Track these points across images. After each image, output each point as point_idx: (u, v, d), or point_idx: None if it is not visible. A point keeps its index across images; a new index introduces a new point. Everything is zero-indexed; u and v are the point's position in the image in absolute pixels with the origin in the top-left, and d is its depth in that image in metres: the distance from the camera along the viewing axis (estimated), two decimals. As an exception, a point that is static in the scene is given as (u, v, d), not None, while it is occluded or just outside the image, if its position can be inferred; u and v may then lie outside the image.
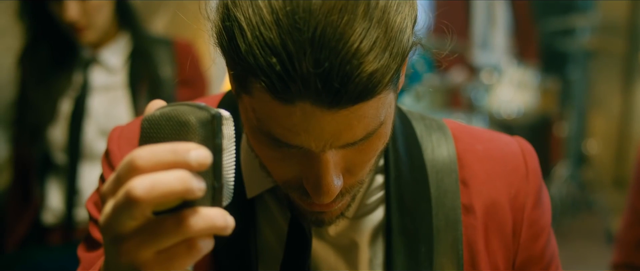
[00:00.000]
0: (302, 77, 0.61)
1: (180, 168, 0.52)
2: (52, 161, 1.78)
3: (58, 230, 1.77)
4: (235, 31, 0.64)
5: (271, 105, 0.64)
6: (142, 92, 1.75)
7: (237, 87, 0.70)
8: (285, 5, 0.61)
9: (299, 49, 0.60)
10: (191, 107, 0.56)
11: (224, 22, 0.67)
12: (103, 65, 1.78)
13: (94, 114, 1.75)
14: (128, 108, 1.76)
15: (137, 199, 0.51)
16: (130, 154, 0.52)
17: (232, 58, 0.66)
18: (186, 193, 0.51)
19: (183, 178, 0.51)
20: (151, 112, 0.56)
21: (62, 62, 1.75)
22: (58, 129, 1.75)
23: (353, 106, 0.63)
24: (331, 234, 0.82)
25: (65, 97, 1.75)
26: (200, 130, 0.55)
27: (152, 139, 0.55)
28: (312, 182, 0.69)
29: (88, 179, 1.76)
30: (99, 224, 0.56)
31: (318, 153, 0.67)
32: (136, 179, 0.51)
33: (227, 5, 0.67)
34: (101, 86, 1.77)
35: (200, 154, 0.52)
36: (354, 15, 0.61)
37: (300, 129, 0.65)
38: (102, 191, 0.56)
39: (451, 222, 0.83)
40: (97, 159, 1.75)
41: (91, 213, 0.87)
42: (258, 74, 0.62)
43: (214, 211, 0.53)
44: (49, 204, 1.78)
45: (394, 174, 0.83)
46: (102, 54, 1.78)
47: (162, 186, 0.51)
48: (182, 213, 0.53)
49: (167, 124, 0.55)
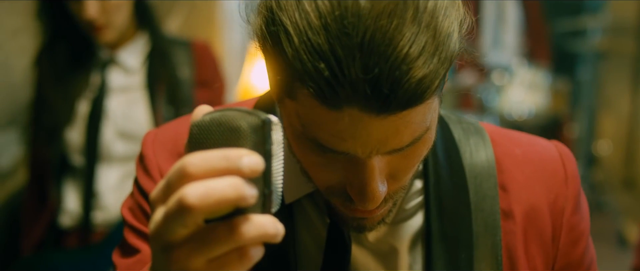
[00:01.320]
0: (350, 83, 0.60)
1: (232, 174, 0.51)
2: (69, 162, 1.76)
3: (75, 232, 1.75)
4: (281, 36, 0.63)
5: (318, 111, 0.63)
6: (160, 93, 1.73)
7: (280, 92, 0.69)
8: (333, 9, 0.60)
9: (347, 54, 0.59)
10: (241, 112, 0.55)
11: (268, 26, 0.66)
12: (121, 66, 1.77)
13: (112, 116, 1.74)
14: (146, 109, 1.74)
15: (190, 207, 0.49)
16: (181, 160, 0.51)
17: (277, 63, 0.65)
18: (239, 200, 0.50)
19: (236, 185, 0.50)
20: (200, 118, 0.55)
21: (79, 62, 1.73)
22: (75, 130, 1.73)
23: (401, 111, 0.62)
24: (370, 240, 0.81)
25: (83, 98, 1.74)
26: (251, 136, 0.54)
27: (202, 145, 0.54)
28: (357, 188, 0.68)
29: (106, 181, 1.74)
30: (148, 231, 0.55)
31: (364, 159, 0.66)
32: (189, 187, 0.50)
33: (272, 9, 0.65)
34: (119, 86, 1.76)
35: (252, 161, 0.51)
36: (403, 20, 0.60)
37: (347, 135, 0.64)
38: (151, 198, 0.55)
39: (490, 227, 0.82)
40: (115, 161, 1.74)
41: (126, 219, 0.86)
42: (305, 80, 0.61)
43: (265, 219, 0.52)
44: (65, 206, 1.77)
45: (433, 179, 0.82)
46: (119, 55, 1.77)
47: (216, 193, 0.50)
48: (234, 220, 0.52)
49: (218, 130, 0.54)
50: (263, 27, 0.67)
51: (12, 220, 2.07)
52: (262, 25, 0.67)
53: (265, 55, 0.69)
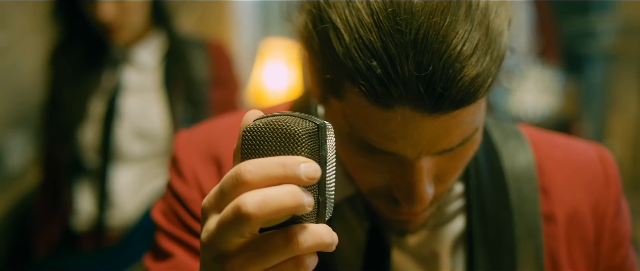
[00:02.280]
0: (403, 81, 0.59)
1: (289, 182, 0.49)
2: (83, 163, 1.74)
3: (89, 234, 1.73)
4: (330, 33, 0.62)
5: (368, 110, 0.62)
6: (176, 93, 1.71)
7: (325, 92, 0.67)
8: (385, 6, 0.59)
9: (400, 52, 0.58)
10: (295, 117, 0.53)
11: (314, 24, 0.65)
12: (134, 64, 1.75)
13: (128, 115, 1.72)
14: (162, 110, 1.72)
15: (248, 216, 0.48)
16: (236, 167, 0.50)
17: (326, 61, 0.63)
18: (297, 209, 0.49)
19: (295, 193, 0.48)
20: (252, 123, 0.53)
21: (93, 61, 1.71)
22: (89, 130, 1.71)
23: (454, 111, 0.61)
24: (411, 244, 0.79)
25: (96, 97, 1.72)
26: (307, 142, 0.52)
27: (256, 151, 0.53)
28: (404, 190, 0.66)
29: (122, 182, 1.72)
30: (201, 240, 0.53)
31: (413, 160, 0.65)
32: (247, 195, 0.48)
33: (319, 7, 0.64)
34: (134, 86, 1.74)
35: (309, 168, 0.49)
36: (456, 17, 0.59)
37: (398, 135, 0.62)
38: (203, 206, 0.53)
39: (532, 231, 0.80)
40: (131, 161, 1.72)
41: (159, 223, 0.84)
42: (356, 78, 0.60)
43: (321, 228, 0.51)
44: (79, 208, 1.74)
45: (474, 183, 0.80)
46: (133, 53, 1.75)
47: (274, 202, 0.48)
48: (291, 229, 0.50)
49: (272, 136, 0.52)
50: (309, 25, 0.66)
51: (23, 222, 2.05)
52: (307, 24, 0.66)
53: (311, 54, 0.67)
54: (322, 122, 0.53)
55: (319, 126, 0.53)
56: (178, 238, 0.81)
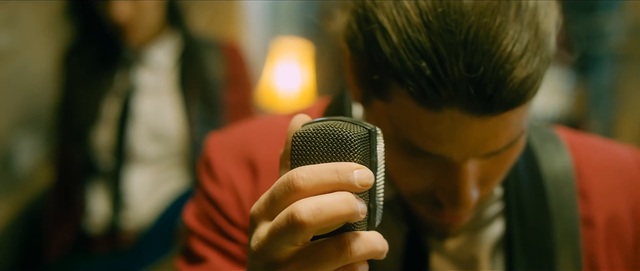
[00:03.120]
0: (453, 83, 0.58)
1: (343, 189, 0.48)
2: (96, 165, 1.72)
3: (103, 237, 1.71)
4: (377, 34, 0.61)
5: (415, 112, 0.61)
6: (191, 95, 1.70)
7: (368, 92, 0.66)
8: (435, 6, 0.58)
9: (450, 53, 0.57)
10: (345, 122, 0.52)
11: (359, 24, 0.64)
12: (148, 65, 1.73)
13: (143, 116, 1.70)
14: (177, 111, 1.70)
15: (302, 224, 0.46)
16: (288, 174, 0.48)
17: (371, 62, 0.62)
18: (352, 217, 0.47)
19: (349, 200, 0.47)
20: (303, 128, 0.52)
21: (106, 62, 1.70)
22: (103, 131, 1.70)
23: (503, 113, 0.60)
24: (450, 248, 0.78)
25: (109, 98, 1.70)
26: (359, 147, 0.51)
27: (307, 157, 0.51)
28: (449, 193, 0.65)
29: (136, 184, 1.71)
30: (250, 248, 0.51)
31: (459, 163, 0.64)
32: (301, 203, 0.47)
33: (365, 7, 0.63)
34: (148, 87, 1.73)
35: (363, 174, 0.48)
36: (506, 17, 0.58)
37: (445, 138, 0.61)
38: (252, 213, 0.51)
39: (570, 235, 0.79)
40: (146, 163, 1.70)
41: (192, 227, 0.82)
42: (404, 79, 0.59)
43: (373, 235, 0.50)
44: (93, 210, 1.73)
45: (513, 186, 0.79)
46: (147, 53, 1.73)
47: (329, 209, 0.47)
48: (344, 237, 0.49)
49: (323, 141, 0.51)
50: (354, 25, 0.64)
51: (34, 223, 2.03)
52: (352, 23, 0.65)
53: (354, 54, 0.66)
54: (373, 127, 0.52)
55: (370, 131, 0.52)
56: (212, 242, 0.79)
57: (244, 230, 0.79)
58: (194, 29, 1.80)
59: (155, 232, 1.68)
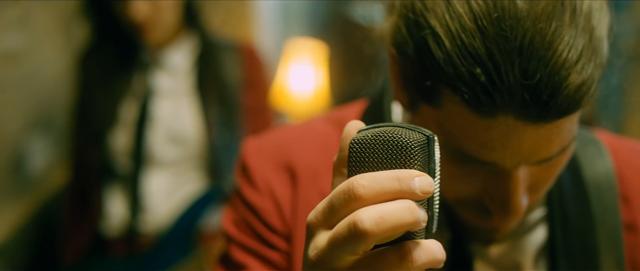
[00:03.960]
0: (508, 89, 0.57)
1: (404, 197, 0.47)
2: (113, 168, 1.71)
3: (121, 240, 1.70)
4: (429, 39, 0.60)
5: (467, 119, 0.60)
6: (209, 97, 1.68)
7: (416, 98, 0.65)
8: (489, 11, 0.57)
9: (506, 59, 0.56)
10: (403, 128, 0.51)
11: (409, 28, 0.63)
12: (165, 68, 1.72)
13: (161, 119, 1.69)
14: (195, 114, 1.69)
15: (365, 233, 0.45)
16: (348, 182, 0.47)
17: (422, 68, 0.61)
18: (414, 225, 0.46)
19: (412, 208, 0.46)
20: (360, 135, 0.51)
21: (123, 64, 1.68)
22: (120, 134, 1.68)
23: (557, 120, 0.59)
24: (493, 254, 0.77)
25: (127, 101, 1.69)
26: (419, 154, 0.50)
27: (365, 164, 0.50)
28: (499, 200, 0.64)
29: (154, 187, 1.69)
30: (308, 258, 0.50)
31: (510, 170, 0.63)
32: (363, 212, 0.46)
33: (415, 11, 0.62)
34: (166, 90, 1.71)
35: (424, 182, 0.47)
36: (561, 22, 0.57)
37: (497, 145, 0.60)
38: (309, 222, 0.50)
39: (613, 241, 0.78)
40: (164, 166, 1.69)
41: (231, 234, 0.81)
42: (458, 86, 0.58)
43: (433, 243, 0.49)
44: (110, 213, 1.71)
45: (556, 191, 0.78)
46: (164, 55, 1.71)
47: (392, 218, 0.46)
48: (405, 246, 0.48)
49: (382, 148, 0.50)
50: (403, 29, 0.63)
51: (47, 225, 2.02)
52: (401, 28, 0.64)
53: (402, 59, 0.65)
54: (431, 134, 0.51)
55: (428, 138, 0.51)
56: (252, 249, 0.78)
57: (284, 237, 0.78)
58: (211, 31, 1.78)
59: (173, 235, 1.67)
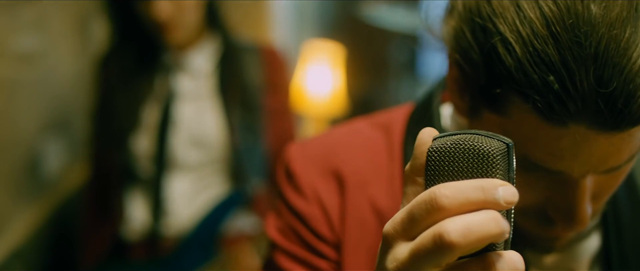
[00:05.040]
0: (582, 97, 0.55)
1: (488, 207, 0.46)
2: (135, 171, 1.69)
3: (142, 244, 1.68)
4: (498, 45, 0.58)
5: (537, 127, 0.58)
6: (232, 100, 1.66)
7: (479, 104, 0.63)
8: (562, 17, 0.56)
9: (580, 66, 0.55)
10: (481, 136, 0.50)
11: (474, 34, 0.61)
12: (188, 70, 1.70)
13: (184, 122, 1.67)
14: (218, 117, 1.67)
15: (451, 245, 0.44)
16: (430, 192, 0.46)
17: (489, 74, 0.60)
18: (500, 236, 0.45)
19: (497, 219, 0.45)
20: (439, 143, 0.50)
21: (145, 66, 1.66)
22: (142, 137, 1.66)
23: (630, 129, 0.57)
24: (548, 263, 0.75)
25: (148, 103, 1.67)
26: (501, 162, 0.49)
27: (444, 173, 0.49)
28: (564, 209, 0.63)
29: (176, 190, 1.68)
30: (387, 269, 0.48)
31: (577, 179, 0.61)
32: (448, 223, 0.45)
33: (483, 16, 0.60)
34: (188, 93, 1.69)
35: (507, 192, 0.46)
36: (635, 28, 0.56)
37: (567, 154, 0.59)
38: (387, 233, 0.49)
39: None
40: (186, 170, 1.67)
41: (277, 241, 0.79)
42: (529, 93, 0.57)
43: (514, 255, 0.48)
44: (131, 216, 1.69)
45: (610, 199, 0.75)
46: (187, 57, 1.69)
47: (478, 229, 0.44)
48: (488, 257, 0.47)
49: (463, 156, 0.49)
50: (468, 35, 0.62)
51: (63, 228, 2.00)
52: (466, 33, 0.62)
53: (466, 65, 0.63)
54: (510, 141, 0.50)
55: (508, 145, 0.49)
56: (299, 257, 0.76)
57: (333, 245, 0.76)
58: (232, 32, 1.76)
59: (196, 239, 1.65)
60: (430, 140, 0.50)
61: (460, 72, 0.65)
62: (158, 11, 1.53)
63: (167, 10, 1.53)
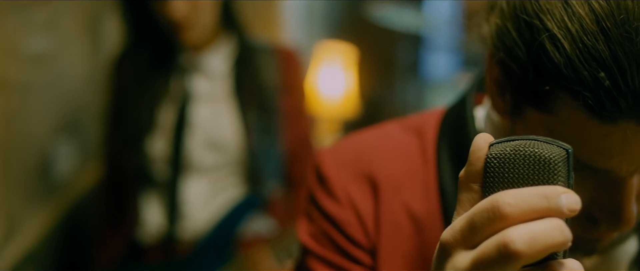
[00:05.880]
0: (633, 93, 0.55)
1: (551, 215, 0.45)
2: (150, 174, 1.67)
3: (157, 247, 1.67)
4: (546, 42, 0.57)
5: (585, 125, 0.57)
6: (248, 102, 1.65)
7: (522, 103, 0.63)
8: (612, 12, 0.55)
9: (631, 62, 0.54)
10: (540, 142, 0.49)
11: (520, 31, 0.60)
12: (203, 71, 1.68)
13: (200, 124, 1.65)
14: (234, 119, 1.66)
15: (517, 255, 0.43)
16: (492, 200, 0.46)
17: (536, 72, 0.59)
18: (564, 245, 0.45)
19: (562, 227, 0.44)
20: (498, 150, 0.50)
21: (160, 68, 1.65)
22: (157, 139, 1.65)
23: None
24: (587, 266, 0.74)
25: (164, 105, 1.65)
26: (562, 169, 0.48)
27: (504, 180, 0.49)
28: (610, 209, 0.63)
29: (192, 193, 1.66)
30: None
31: (624, 178, 0.61)
32: (513, 231, 0.44)
33: (528, 13, 0.60)
34: (204, 94, 1.68)
35: (571, 199, 0.45)
36: None
37: (616, 152, 0.58)
38: (445, 241, 0.49)
39: None
40: (202, 172, 1.66)
41: (309, 246, 0.78)
42: (578, 90, 0.56)
43: (574, 263, 0.48)
44: (146, 219, 1.68)
45: None
46: (202, 58, 1.67)
47: (544, 238, 0.44)
48: (551, 266, 0.47)
49: (523, 163, 0.48)
50: (512, 32, 0.61)
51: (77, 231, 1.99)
52: (509, 30, 0.61)
53: (511, 62, 0.62)
54: (569, 147, 0.49)
55: (568, 152, 0.49)
56: (333, 263, 0.75)
57: (368, 251, 0.75)
58: (248, 33, 1.74)
59: (212, 242, 1.64)
60: (486, 146, 0.50)
61: (503, 71, 0.64)
62: (173, 11, 1.51)
63: (182, 10, 1.52)
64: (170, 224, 1.64)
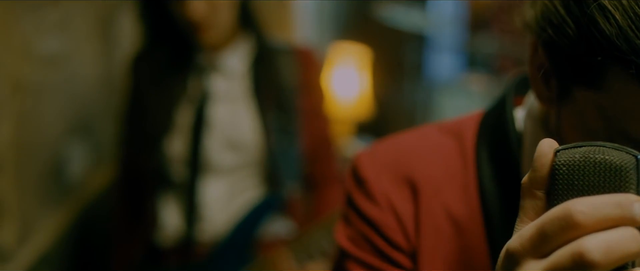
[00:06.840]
0: None
1: (626, 224, 0.45)
2: (167, 175, 1.66)
3: (176, 250, 1.65)
4: (596, 14, 0.56)
5: (638, 97, 0.56)
6: (267, 102, 1.64)
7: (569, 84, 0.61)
8: None
9: None
10: (609, 148, 0.49)
11: (568, 8, 0.59)
12: (222, 71, 1.67)
13: (218, 125, 1.64)
14: (253, 119, 1.64)
15: (593, 264, 0.43)
16: (564, 208, 0.45)
17: (587, 46, 0.58)
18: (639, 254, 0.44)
19: (637, 236, 0.44)
20: (566, 156, 0.49)
21: (178, 67, 1.64)
22: (175, 140, 1.63)
23: None
24: None
25: (181, 105, 1.64)
26: (634, 177, 0.48)
27: (574, 188, 0.48)
28: None
29: (211, 194, 1.65)
30: None
31: None
32: (588, 241, 0.44)
33: None
34: (222, 94, 1.66)
35: None
36: None
37: None
38: (513, 249, 0.48)
39: None
40: (221, 173, 1.64)
41: (348, 250, 0.77)
42: (632, 59, 0.54)
43: None
44: (164, 221, 1.67)
45: None
46: (220, 58, 1.66)
47: (620, 248, 0.44)
48: None
49: (594, 170, 0.48)
50: (560, 10, 0.60)
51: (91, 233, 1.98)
52: (558, 9, 0.60)
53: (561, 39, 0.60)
54: (637, 153, 0.49)
55: (637, 158, 0.48)
56: (373, 266, 0.74)
57: (408, 255, 0.74)
58: (266, 33, 1.73)
59: (231, 244, 1.63)
60: (551, 152, 0.49)
61: (549, 54, 0.63)
62: (192, 11, 1.50)
63: (201, 9, 1.51)
64: (188, 226, 1.62)
